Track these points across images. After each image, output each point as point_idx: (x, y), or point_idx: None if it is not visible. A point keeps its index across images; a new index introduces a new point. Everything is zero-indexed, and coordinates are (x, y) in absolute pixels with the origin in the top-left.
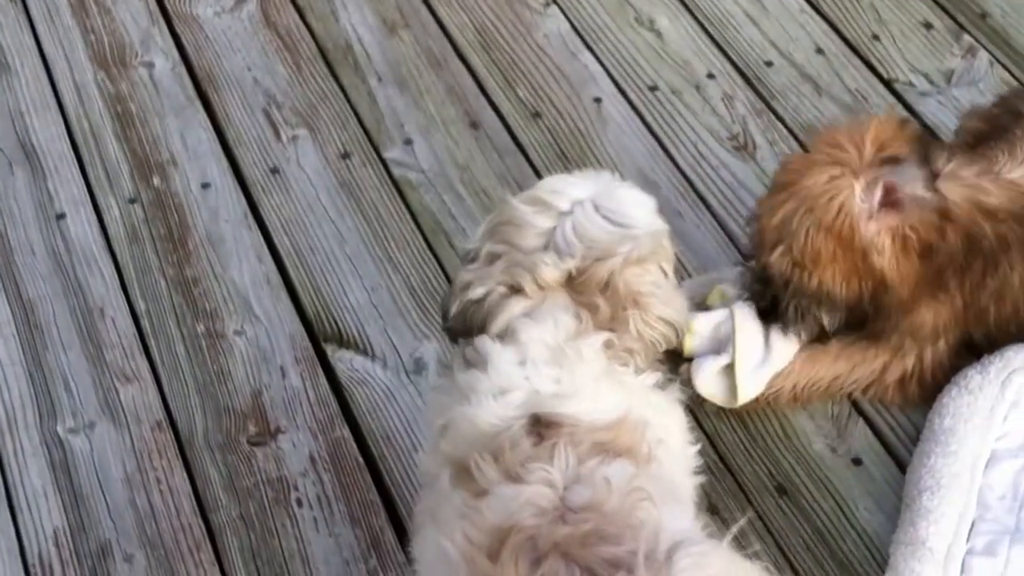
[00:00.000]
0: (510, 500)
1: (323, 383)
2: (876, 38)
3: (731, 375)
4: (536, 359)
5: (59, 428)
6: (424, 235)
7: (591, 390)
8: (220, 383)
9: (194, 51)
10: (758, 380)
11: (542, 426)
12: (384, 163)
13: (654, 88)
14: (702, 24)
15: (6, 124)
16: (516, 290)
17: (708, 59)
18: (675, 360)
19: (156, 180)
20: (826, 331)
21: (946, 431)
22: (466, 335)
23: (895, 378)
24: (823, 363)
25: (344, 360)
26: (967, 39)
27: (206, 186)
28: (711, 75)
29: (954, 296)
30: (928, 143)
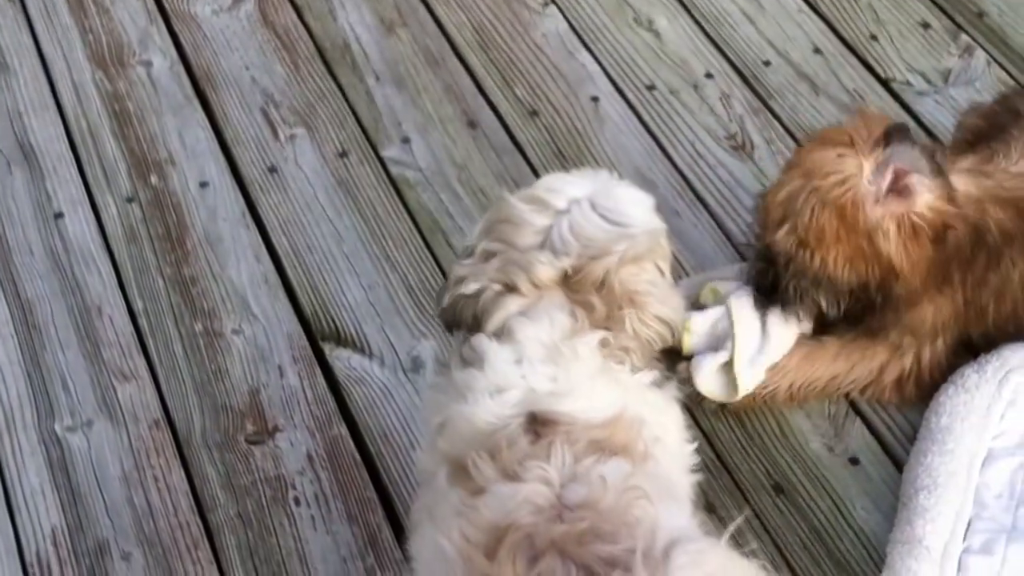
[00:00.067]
0: (507, 498)
1: (321, 382)
2: (874, 38)
3: (730, 371)
4: (532, 358)
5: (57, 427)
6: (422, 234)
7: (587, 388)
8: (218, 382)
9: (192, 50)
10: (756, 370)
11: (539, 424)
12: (382, 162)
13: (652, 87)
14: (700, 24)
15: (4, 124)
16: (511, 288)
17: (706, 59)
18: (672, 358)
19: (154, 179)
20: (824, 316)
21: (943, 430)
22: (456, 327)
23: (892, 378)
24: (820, 362)
25: (342, 359)
26: (964, 38)
27: (204, 185)
28: (709, 75)
29: (956, 291)
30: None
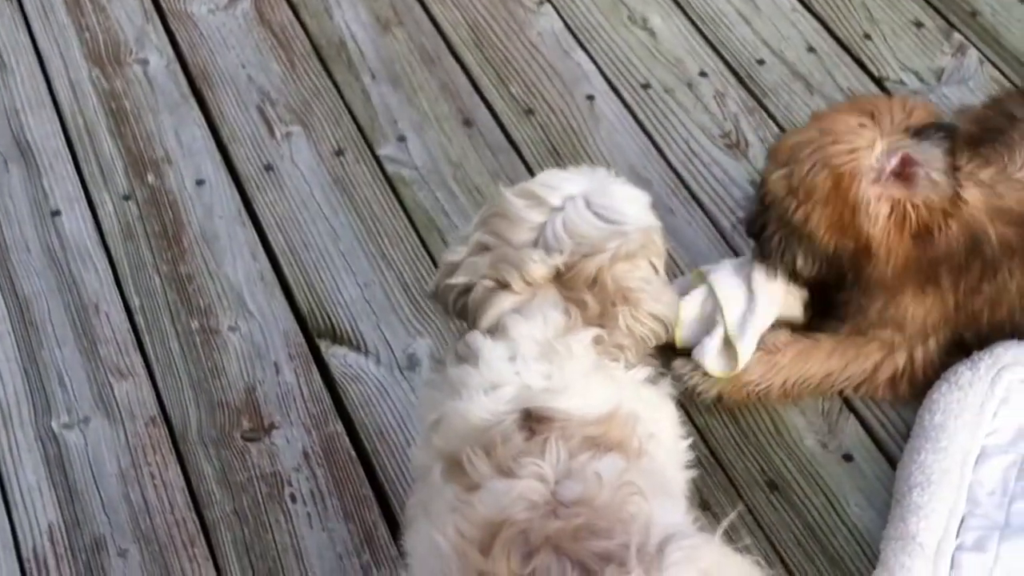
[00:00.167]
0: (502, 494)
1: (316, 379)
2: (867, 37)
3: (730, 345)
4: (526, 355)
5: (53, 424)
6: (417, 231)
7: (581, 385)
8: (214, 379)
9: (188, 48)
10: (750, 332)
11: (533, 421)
12: (378, 160)
13: (647, 86)
14: (695, 23)
15: (1, 121)
16: (503, 285)
17: (700, 57)
18: (666, 355)
19: (150, 177)
20: (799, 275)
21: (936, 427)
22: (445, 312)
23: (886, 375)
24: (815, 359)
25: (337, 356)
26: (957, 37)
27: (200, 183)
28: (703, 73)
29: (946, 294)
30: (958, 139)
